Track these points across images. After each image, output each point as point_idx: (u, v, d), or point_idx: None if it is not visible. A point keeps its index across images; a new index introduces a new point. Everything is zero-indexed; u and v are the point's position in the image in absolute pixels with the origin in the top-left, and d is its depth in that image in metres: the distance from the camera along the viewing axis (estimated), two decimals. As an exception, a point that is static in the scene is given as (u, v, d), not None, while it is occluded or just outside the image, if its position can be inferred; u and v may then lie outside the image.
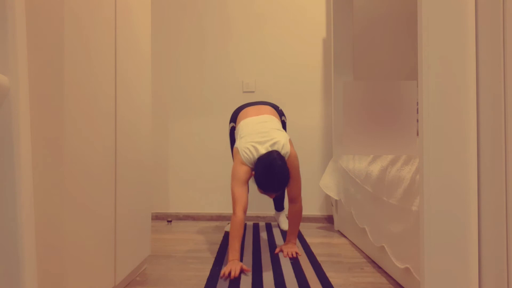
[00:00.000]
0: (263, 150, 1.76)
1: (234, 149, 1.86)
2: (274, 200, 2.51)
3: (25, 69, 0.67)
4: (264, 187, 1.70)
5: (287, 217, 1.97)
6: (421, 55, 0.97)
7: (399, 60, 2.81)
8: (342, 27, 2.50)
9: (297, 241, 2.13)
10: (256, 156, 1.76)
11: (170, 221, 2.73)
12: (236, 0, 2.85)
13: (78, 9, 1.00)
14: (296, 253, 1.83)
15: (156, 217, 2.83)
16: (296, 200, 1.86)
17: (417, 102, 1.01)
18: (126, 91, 1.37)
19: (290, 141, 1.85)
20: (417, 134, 1.02)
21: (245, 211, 1.70)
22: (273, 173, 1.67)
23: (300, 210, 1.87)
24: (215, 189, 2.83)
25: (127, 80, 1.37)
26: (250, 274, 1.56)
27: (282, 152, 1.77)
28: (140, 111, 1.53)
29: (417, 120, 1.01)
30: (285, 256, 1.82)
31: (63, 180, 0.92)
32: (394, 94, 1.01)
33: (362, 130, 1.02)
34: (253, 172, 1.77)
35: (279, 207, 2.51)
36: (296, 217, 1.88)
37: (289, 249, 1.85)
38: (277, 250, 1.89)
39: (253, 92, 2.83)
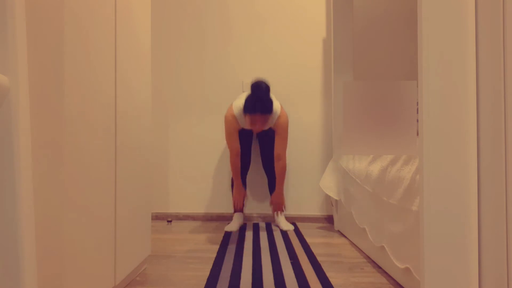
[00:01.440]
0: None
1: (230, 105, 2.29)
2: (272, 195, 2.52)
3: (25, 69, 0.67)
4: (249, 107, 2.07)
5: (270, 202, 2.40)
6: (421, 55, 0.97)
7: (399, 60, 2.81)
8: (342, 27, 2.50)
9: (297, 242, 2.13)
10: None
11: (170, 221, 2.73)
12: (236, 0, 2.85)
13: (78, 9, 1.00)
14: (283, 206, 2.34)
15: (156, 217, 2.83)
16: (281, 157, 2.30)
17: (417, 102, 1.01)
18: (126, 91, 1.37)
19: (281, 106, 2.27)
20: (417, 134, 1.02)
21: (237, 155, 2.26)
22: (258, 89, 2.07)
23: (284, 166, 2.34)
24: (215, 189, 2.83)
25: (127, 80, 1.37)
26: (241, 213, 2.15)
27: (273, 108, 2.17)
28: (140, 111, 1.53)
29: (417, 120, 1.01)
30: (273, 211, 2.38)
31: (63, 180, 0.92)
32: (394, 94, 1.01)
33: (362, 130, 1.02)
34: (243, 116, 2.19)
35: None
36: (282, 172, 2.33)
37: (277, 202, 2.35)
38: (270, 202, 2.38)
39: (253, 92, 2.82)
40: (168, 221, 2.73)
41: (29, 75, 0.78)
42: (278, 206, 2.31)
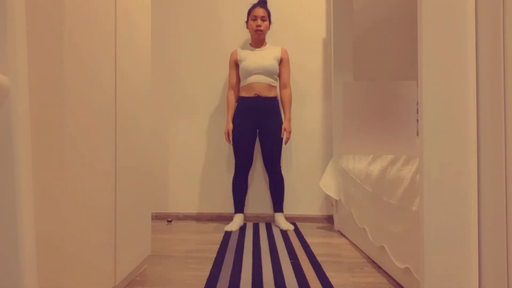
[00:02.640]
0: None
1: None
2: (272, 200, 2.51)
3: (25, 69, 0.67)
4: (251, 6, 2.52)
5: (284, 129, 2.48)
6: (421, 55, 0.97)
7: (399, 60, 2.81)
8: (342, 27, 2.50)
9: (297, 242, 2.13)
10: None
11: (170, 221, 2.73)
12: (236, 0, 2.85)
13: (78, 9, 1.00)
14: (289, 133, 2.50)
15: (156, 217, 2.83)
16: (287, 85, 2.54)
17: (417, 102, 1.01)
18: (126, 91, 1.37)
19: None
20: (417, 134, 1.02)
21: (233, 89, 2.56)
22: None
23: (290, 92, 2.55)
24: (215, 189, 2.83)
25: (127, 80, 1.37)
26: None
27: (272, 45, 2.62)
28: (140, 111, 1.53)
29: (417, 120, 1.01)
30: (285, 141, 2.49)
31: (63, 180, 0.92)
32: (394, 94, 1.01)
33: (362, 130, 1.02)
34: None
35: (278, 208, 2.51)
36: (289, 98, 2.53)
37: (287, 127, 2.48)
38: (282, 132, 2.48)
39: (253, 92, 2.82)
40: (168, 221, 2.73)
41: (29, 75, 0.78)
42: (288, 131, 2.47)
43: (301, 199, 2.78)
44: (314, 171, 2.79)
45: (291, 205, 2.77)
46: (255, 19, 2.52)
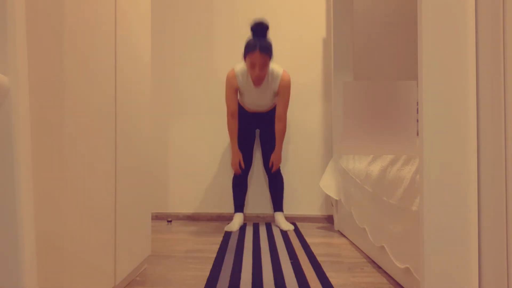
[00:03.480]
0: None
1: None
2: (272, 199, 2.51)
3: (25, 69, 0.67)
4: (249, 46, 2.16)
5: (276, 136, 2.39)
6: (421, 55, 0.97)
7: (399, 60, 2.81)
8: (342, 27, 2.50)
9: (297, 242, 2.13)
10: None
11: (170, 221, 2.73)
12: (236, 0, 2.85)
13: (78, 9, 1.00)
14: (279, 164, 2.41)
15: (156, 217, 2.83)
16: (282, 118, 2.34)
17: (417, 102, 1.01)
18: (126, 91, 1.37)
19: (284, 70, 2.32)
20: (417, 134, 1.02)
21: (233, 115, 2.33)
22: (257, 28, 2.17)
23: (285, 126, 2.38)
24: (215, 189, 2.83)
25: (127, 80, 1.38)
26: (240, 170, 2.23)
27: (273, 75, 2.28)
28: (140, 111, 1.53)
29: (417, 120, 1.01)
30: (269, 166, 2.43)
31: (63, 180, 0.92)
32: (394, 94, 1.01)
33: (362, 130, 1.02)
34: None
35: (278, 207, 2.51)
36: (282, 132, 2.37)
37: (275, 159, 2.40)
38: (270, 163, 2.41)
39: (253, 92, 2.82)
40: (168, 221, 2.73)
41: (29, 75, 0.78)
42: (276, 162, 2.39)
43: (301, 199, 2.78)
44: (314, 171, 2.79)
45: (291, 205, 2.77)
46: (253, 66, 2.20)
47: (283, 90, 2.29)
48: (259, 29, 2.19)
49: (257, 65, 2.17)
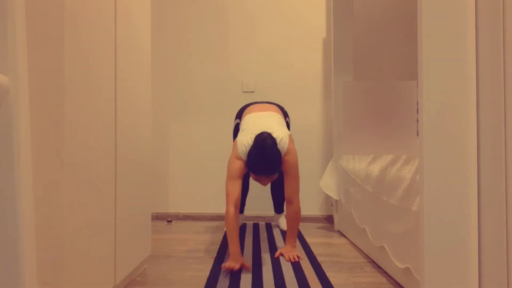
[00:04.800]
0: None
1: (234, 142, 1.86)
2: (274, 201, 2.51)
3: (25, 69, 0.67)
4: (253, 168, 1.70)
5: (286, 219, 1.85)
6: (421, 55, 0.97)
7: (399, 60, 2.81)
8: (342, 27, 2.50)
9: (297, 242, 2.12)
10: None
11: (170, 221, 2.73)
12: (236, 0, 2.85)
13: (78, 9, 1.00)
14: (298, 256, 1.76)
15: (156, 217, 2.83)
16: (292, 200, 1.78)
17: (417, 102, 1.01)
18: (126, 91, 1.37)
19: (291, 138, 1.82)
20: (417, 134, 1.02)
21: (236, 207, 1.70)
22: (262, 151, 1.66)
23: (297, 211, 1.79)
24: (215, 189, 2.83)
25: (127, 80, 1.37)
26: (250, 271, 1.56)
27: (279, 146, 1.76)
28: (140, 111, 1.53)
29: (417, 120, 1.01)
30: (287, 261, 1.74)
31: (63, 180, 0.92)
32: (394, 94, 1.01)
33: (362, 130, 1.02)
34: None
35: (279, 209, 2.51)
36: (294, 218, 1.80)
37: (290, 253, 1.77)
38: (277, 254, 1.81)
39: (253, 92, 2.83)
40: (168, 221, 2.73)
41: (29, 75, 0.78)
42: (290, 256, 1.76)
43: (301, 199, 2.78)
44: (314, 171, 2.79)
45: (291, 205, 2.77)
46: (258, 180, 1.77)
47: (290, 167, 1.78)
48: (266, 151, 1.68)
49: (264, 181, 1.77)
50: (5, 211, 0.64)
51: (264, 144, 1.68)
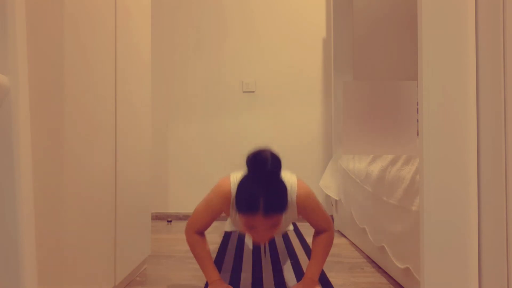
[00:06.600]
0: None
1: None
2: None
3: (25, 69, 0.67)
4: (242, 201, 1.15)
5: (312, 244, 1.39)
6: (421, 55, 0.97)
7: (399, 60, 2.81)
8: (342, 27, 2.50)
9: (297, 241, 2.12)
10: None
11: (170, 221, 2.73)
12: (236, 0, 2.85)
13: (78, 9, 1.00)
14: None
15: (156, 217, 2.83)
16: (327, 227, 1.35)
17: (417, 102, 1.01)
18: (126, 91, 1.37)
19: (299, 181, 1.41)
20: (417, 134, 1.02)
21: (199, 231, 1.41)
22: (259, 167, 1.15)
23: (333, 238, 1.37)
24: (215, 189, 2.82)
25: (127, 79, 1.37)
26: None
27: (292, 217, 1.37)
28: (140, 111, 1.53)
29: (417, 120, 1.01)
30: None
31: (63, 180, 0.92)
32: (394, 94, 1.01)
33: (362, 130, 1.02)
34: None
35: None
36: (327, 244, 1.36)
37: (309, 284, 1.33)
38: None
39: (253, 92, 2.83)
40: (168, 221, 2.73)
41: (29, 75, 0.78)
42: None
43: (301, 199, 2.78)
44: (314, 171, 2.79)
45: (291, 205, 2.77)
46: (252, 229, 1.18)
47: (310, 209, 1.34)
48: (264, 172, 1.15)
49: (261, 231, 1.17)
50: (5, 211, 0.64)
51: (262, 162, 1.15)
